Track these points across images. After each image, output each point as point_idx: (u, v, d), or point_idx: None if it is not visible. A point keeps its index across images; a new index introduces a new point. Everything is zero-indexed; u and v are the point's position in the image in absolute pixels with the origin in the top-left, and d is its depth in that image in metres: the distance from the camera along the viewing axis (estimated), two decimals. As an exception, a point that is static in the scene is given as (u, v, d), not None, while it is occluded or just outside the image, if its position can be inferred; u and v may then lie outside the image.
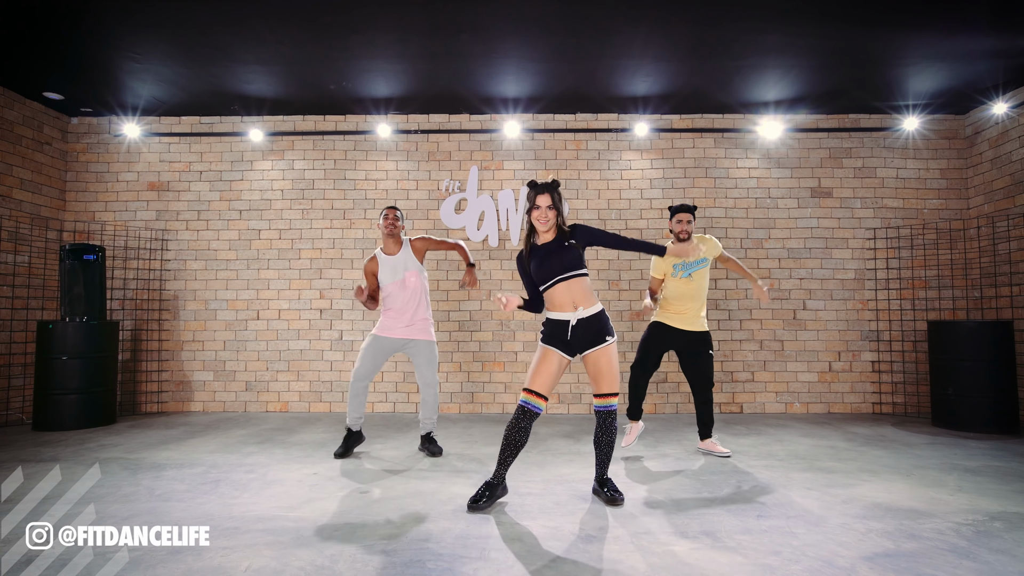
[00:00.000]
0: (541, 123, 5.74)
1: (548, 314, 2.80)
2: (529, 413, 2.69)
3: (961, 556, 2.13)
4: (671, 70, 4.79)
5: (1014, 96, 5.06)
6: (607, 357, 2.74)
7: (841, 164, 5.68)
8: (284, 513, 2.62)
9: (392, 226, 3.77)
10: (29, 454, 3.79)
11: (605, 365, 2.73)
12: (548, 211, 2.75)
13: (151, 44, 4.35)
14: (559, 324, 2.74)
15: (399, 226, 3.81)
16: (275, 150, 5.77)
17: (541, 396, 2.69)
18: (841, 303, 5.58)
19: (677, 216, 3.80)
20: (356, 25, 4.08)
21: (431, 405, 3.80)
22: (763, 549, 2.20)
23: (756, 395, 5.52)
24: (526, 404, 2.70)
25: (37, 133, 5.43)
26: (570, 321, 2.70)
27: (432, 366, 3.78)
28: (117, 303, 5.59)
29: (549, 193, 2.76)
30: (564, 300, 2.73)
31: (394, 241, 3.80)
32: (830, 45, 4.36)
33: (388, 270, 3.76)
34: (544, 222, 2.75)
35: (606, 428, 2.78)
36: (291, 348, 5.61)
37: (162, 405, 5.60)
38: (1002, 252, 5.15)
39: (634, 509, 2.68)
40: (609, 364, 2.74)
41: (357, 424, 3.79)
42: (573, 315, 2.71)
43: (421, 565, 2.05)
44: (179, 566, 2.06)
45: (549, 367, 2.71)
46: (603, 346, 2.73)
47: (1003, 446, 4.01)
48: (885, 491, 2.95)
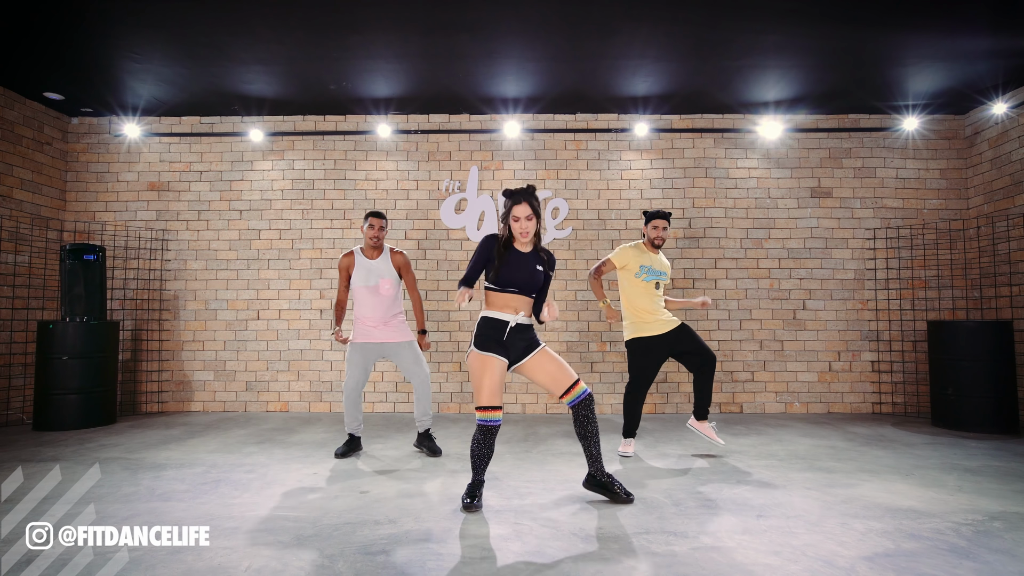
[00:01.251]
0: (541, 123, 5.74)
1: (485, 313, 2.73)
2: (493, 430, 2.67)
3: (961, 556, 2.13)
4: (671, 70, 4.79)
5: (1014, 96, 5.06)
6: (548, 356, 2.73)
7: (841, 164, 5.68)
8: (284, 513, 2.62)
9: (377, 237, 3.73)
10: (29, 454, 3.79)
11: (551, 363, 2.72)
12: (527, 222, 2.66)
13: (151, 44, 4.36)
14: (496, 324, 2.68)
15: (383, 236, 3.77)
16: (275, 150, 5.77)
17: (497, 408, 2.66)
18: (841, 303, 5.58)
19: (653, 222, 3.77)
20: (356, 25, 4.08)
21: (424, 399, 3.79)
22: (763, 549, 2.20)
23: (756, 395, 5.52)
24: (486, 423, 2.64)
25: (37, 133, 5.43)
26: (509, 323, 2.67)
27: (419, 361, 3.77)
28: (117, 303, 5.59)
29: (527, 202, 2.66)
30: (507, 304, 2.70)
31: (377, 251, 3.79)
32: (830, 45, 4.36)
33: (363, 272, 3.73)
34: (526, 235, 2.68)
35: (586, 418, 2.71)
36: (291, 348, 5.62)
37: (162, 405, 5.60)
38: (1002, 252, 5.15)
39: (634, 509, 2.68)
40: (554, 360, 2.73)
41: (357, 430, 3.81)
42: (513, 318, 2.68)
43: (421, 565, 2.05)
44: (179, 566, 2.06)
45: (494, 376, 2.63)
46: (540, 348, 2.74)
47: (1003, 446, 4.01)
48: (885, 491, 2.95)
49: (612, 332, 5.56)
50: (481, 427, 2.67)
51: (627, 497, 2.75)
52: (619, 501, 2.74)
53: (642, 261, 3.73)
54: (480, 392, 2.65)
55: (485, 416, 2.64)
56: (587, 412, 2.72)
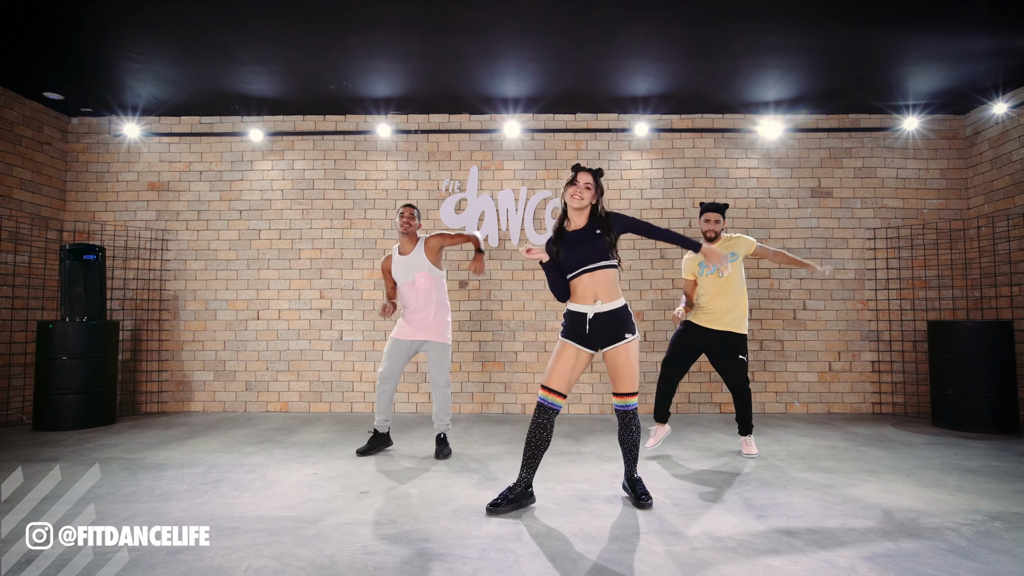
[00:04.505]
0: (541, 123, 5.74)
1: (569, 305, 2.74)
2: (548, 410, 2.65)
3: (961, 556, 2.13)
4: (671, 70, 4.79)
5: (1014, 96, 5.05)
6: (625, 355, 2.67)
7: (841, 164, 5.68)
8: (284, 513, 2.62)
9: (407, 224, 3.73)
10: (29, 454, 3.79)
11: (623, 363, 2.66)
12: (585, 190, 2.67)
13: (151, 44, 4.35)
14: (577, 317, 2.68)
15: (415, 224, 3.76)
16: (275, 150, 5.77)
17: (559, 393, 2.65)
18: (841, 303, 5.58)
19: (705, 215, 3.70)
20: (356, 25, 4.08)
21: (439, 406, 3.76)
22: (763, 549, 2.20)
23: (756, 395, 5.51)
24: (544, 401, 2.66)
25: (37, 133, 5.43)
26: (587, 314, 2.65)
27: (441, 369, 3.74)
28: (117, 303, 5.59)
29: (591, 173, 2.71)
30: (586, 291, 2.66)
31: (409, 239, 3.78)
32: (830, 45, 4.36)
33: (400, 270, 3.76)
34: (579, 198, 2.67)
35: (626, 427, 2.71)
36: (291, 348, 5.62)
37: (162, 405, 5.60)
38: (1002, 252, 5.15)
39: (634, 509, 2.68)
40: (627, 362, 2.66)
41: (384, 426, 3.82)
42: (591, 308, 2.64)
43: (421, 565, 2.05)
44: (179, 566, 2.06)
45: (566, 362, 2.65)
46: (622, 343, 2.66)
47: (1003, 446, 4.01)
48: (885, 491, 2.95)
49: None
50: (539, 405, 2.66)
51: (643, 501, 2.69)
52: (635, 503, 2.71)
53: (700, 259, 3.69)
54: (550, 373, 2.67)
55: (544, 396, 2.66)
56: (624, 423, 2.72)
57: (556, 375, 2.65)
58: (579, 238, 2.69)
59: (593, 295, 2.65)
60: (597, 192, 2.71)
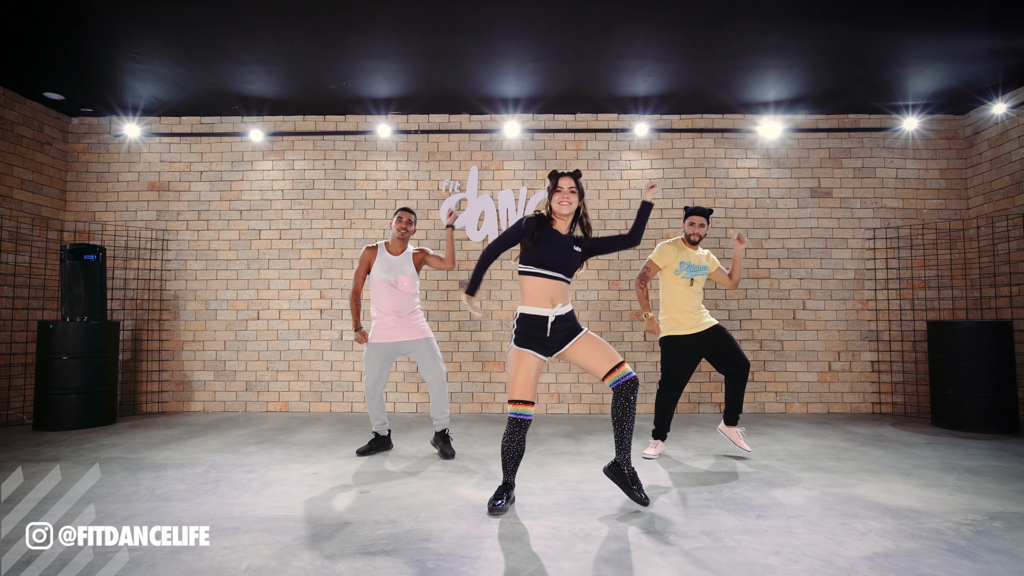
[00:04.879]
0: (541, 123, 5.75)
1: (523, 309, 2.71)
2: (523, 424, 2.65)
3: (961, 556, 2.13)
4: (671, 70, 4.79)
5: (1014, 96, 5.06)
6: (591, 339, 2.69)
7: (841, 164, 5.68)
8: (284, 513, 2.62)
9: (405, 230, 3.76)
10: (29, 454, 3.79)
11: (595, 344, 2.68)
12: (571, 194, 2.69)
13: (151, 44, 4.36)
14: (536, 321, 2.66)
15: (411, 230, 3.80)
16: (275, 150, 5.77)
17: (529, 403, 2.65)
18: (841, 303, 5.58)
19: (690, 218, 3.68)
20: (356, 25, 4.08)
21: (440, 397, 3.74)
22: (763, 549, 2.20)
23: (756, 395, 5.52)
24: (517, 416, 2.64)
25: (37, 133, 5.43)
26: (548, 317, 2.65)
27: (436, 359, 3.75)
28: (117, 303, 5.59)
29: (571, 176, 2.73)
30: (544, 295, 2.66)
31: (402, 243, 3.81)
32: (830, 45, 4.36)
33: (384, 267, 3.75)
34: (567, 204, 2.68)
35: (628, 400, 2.62)
36: (291, 348, 5.62)
37: (162, 405, 5.60)
38: (1002, 252, 5.15)
39: (634, 509, 2.68)
40: (597, 342, 2.69)
41: (383, 429, 3.84)
42: (552, 311, 2.65)
43: (421, 565, 2.05)
44: (179, 566, 2.06)
45: (529, 372, 2.65)
46: (582, 333, 2.70)
47: (1003, 446, 4.02)
48: (885, 491, 2.95)
49: (612, 333, 5.56)
50: (511, 420, 2.66)
51: (643, 499, 2.69)
52: (634, 499, 2.69)
53: (681, 258, 3.65)
54: (513, 386, 2.65)
55: (516, 410, 2.65)
56: (628, 395, 2.64)
57: (521, 386, 2.64)
58: (563, 244, 2.70)
59: (551, 299, 2.67)
60: (580, 194, 2.73)
